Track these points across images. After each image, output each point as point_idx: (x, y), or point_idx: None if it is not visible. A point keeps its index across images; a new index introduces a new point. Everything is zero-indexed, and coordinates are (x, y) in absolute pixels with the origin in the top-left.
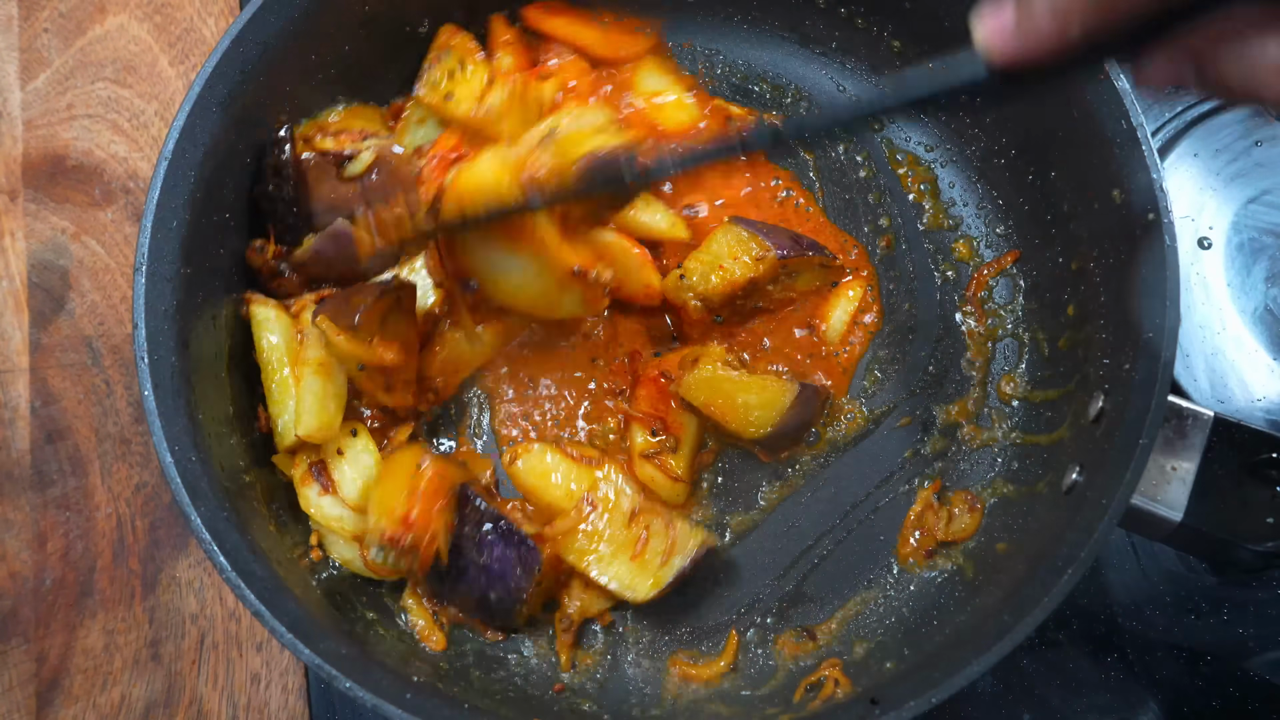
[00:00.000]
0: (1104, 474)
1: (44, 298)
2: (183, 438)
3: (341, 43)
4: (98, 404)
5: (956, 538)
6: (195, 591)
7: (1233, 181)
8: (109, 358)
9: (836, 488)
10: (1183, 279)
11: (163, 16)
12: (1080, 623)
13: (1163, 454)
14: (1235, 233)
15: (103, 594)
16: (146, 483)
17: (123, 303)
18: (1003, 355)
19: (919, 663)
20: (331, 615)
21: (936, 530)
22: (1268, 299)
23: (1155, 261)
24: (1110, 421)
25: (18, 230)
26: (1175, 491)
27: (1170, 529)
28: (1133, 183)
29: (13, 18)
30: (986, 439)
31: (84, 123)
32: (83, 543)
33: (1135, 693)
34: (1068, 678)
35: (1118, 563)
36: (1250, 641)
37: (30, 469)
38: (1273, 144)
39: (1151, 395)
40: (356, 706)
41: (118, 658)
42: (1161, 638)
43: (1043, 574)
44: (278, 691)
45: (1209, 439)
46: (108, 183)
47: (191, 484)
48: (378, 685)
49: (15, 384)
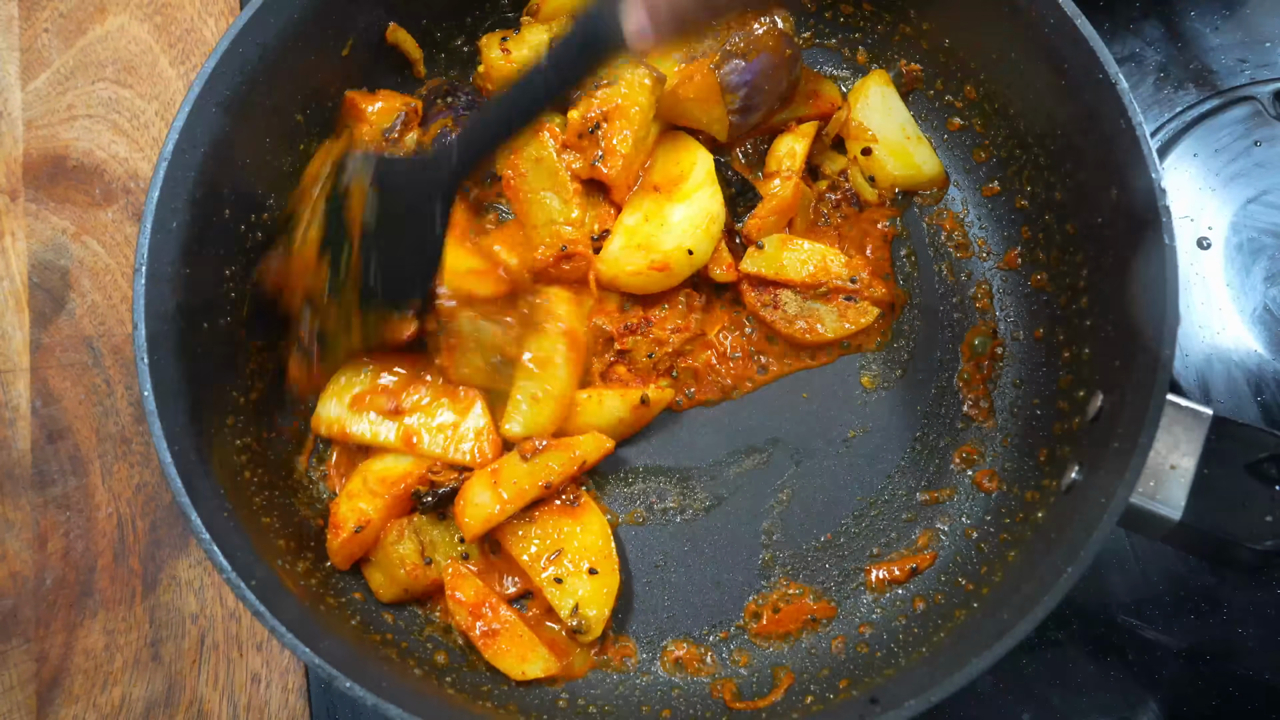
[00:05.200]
0: (1103, 473)
1: (44, 298)
2: (183, 438)
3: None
4: (98, 404)
5: (920, 566)
6: (195, 591)
7: (1232, 181)
8: (109, 358)
9: (841, 483)
10: (1182, 279)
11: (163, 17)
12: (1080, 623)
13: (1162, 453)
14: (1235, 233)
15: (103, 594)
16: (147, 483)
17: (123, 303)
18: (1002, 354)
19: (919, 662)
20: (332, 615)
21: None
22: (1267, 299)
23: (1155, 261)
24: (1110, 421)
25: (18, 230)
26: (1175, 491)
27: (1170, 528)
28: (1132, 183)
29: (13, 18)
30: (986, 436)
31: (84, 123)
32: (83, 543)
33: (1135, 693)
34: (1068, 678)
35: (1118, 563)
36: (1250, 641)
37: (31, 469)
38: (1272, 144)
39: (1151, 395)
40: (356, 706)
41: (118, 658)
42: (1161, 638)
43: (1043, 573)
44: (278, 691)
45: (1208, 438)
46: (108, 183)
47: (191, 484)
48: (378, 685)
49: (16, 384)
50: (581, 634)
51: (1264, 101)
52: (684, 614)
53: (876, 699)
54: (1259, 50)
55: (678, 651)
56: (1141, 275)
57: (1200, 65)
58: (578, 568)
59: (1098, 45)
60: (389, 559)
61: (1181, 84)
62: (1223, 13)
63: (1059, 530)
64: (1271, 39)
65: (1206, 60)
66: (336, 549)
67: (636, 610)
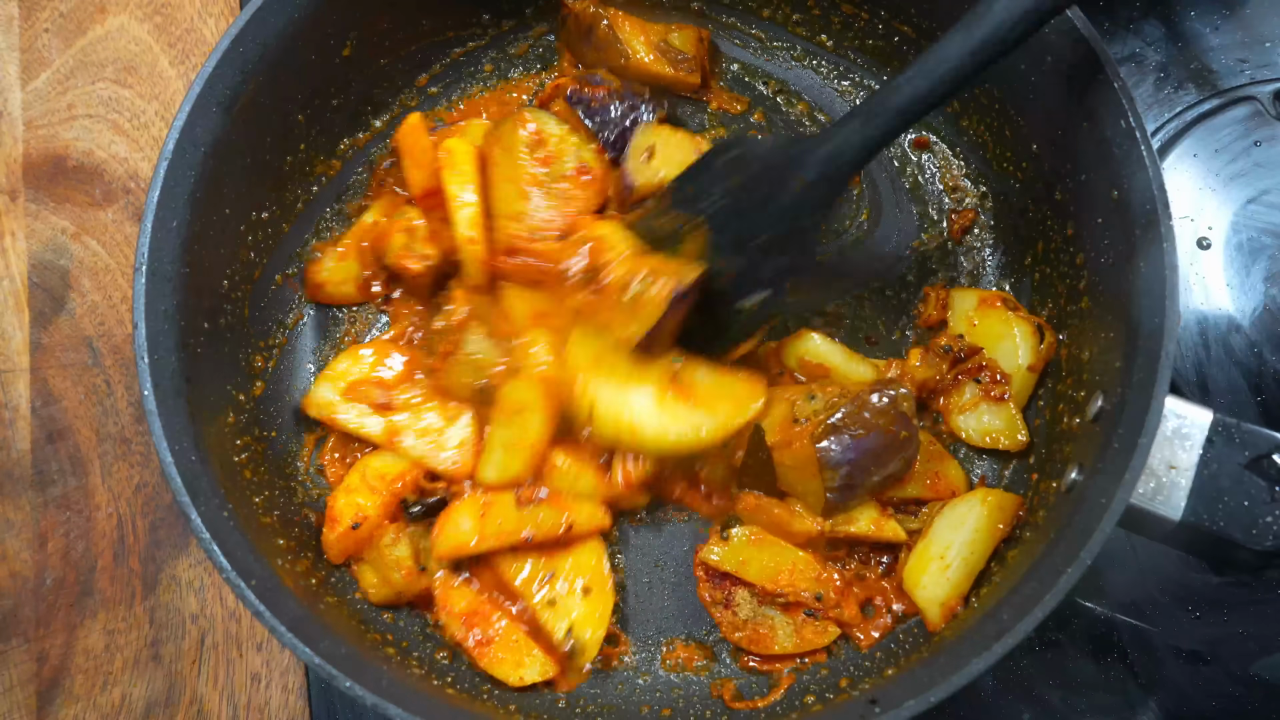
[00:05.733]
0: (1103, 474)
1: (44, 298)
2: (183, 438)
3: (340, 46)
4: (98, 404)
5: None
6: (195, 591)
7: (1232, 181)
8: (109, 358)
9: None
10: (1182, 279)
11: (163, 16)
12: (1080, 623)
13: (1162, 454)
14: (1235, 233)
15: (103, 594)
16: (147, 483)
17: (123, 303)
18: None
19: (919, 663)
20: (332, 615)
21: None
22: (1267, 299)
23: (1154, 261)
24: (1110, 421)
25: (18, 230)
26: (1175, 491)
27: (1170, 529)
28: (1132, 183)
29: (13, 18)
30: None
31: (84, 123)
32: (83, 543)
33: (1135, 693)
34: (1068, 678)
35: (1118, 563)
36: (1250, 641)
37: (31, 469)
38: (1272, 144)
39: (1151, 395)
40: (356, 706)
41: (118, 658)
42: (1161, 638)
43: (1042, 574)
44: (278, 691)
45: (1208, 439)
46: (108, 183)
47: (191, 484)
48: (378, 685)
49: (16, 384)
50: (576, 657)
51: (1264, 101)
52: (684, 614)
53: (876, 699)
54: (1259, 50)
55: (678, 652)
56: (1141, 275)
57: (1200, 65)
58: (571, 588)
59: (1098, 45)
60: (383, 561)
61: (1181, 84)
62: (1223, 13)
63: (1059, 530)
64: (1271, 39)
65: (1206, 60)
66: (332, 543)
67: (636, 610)
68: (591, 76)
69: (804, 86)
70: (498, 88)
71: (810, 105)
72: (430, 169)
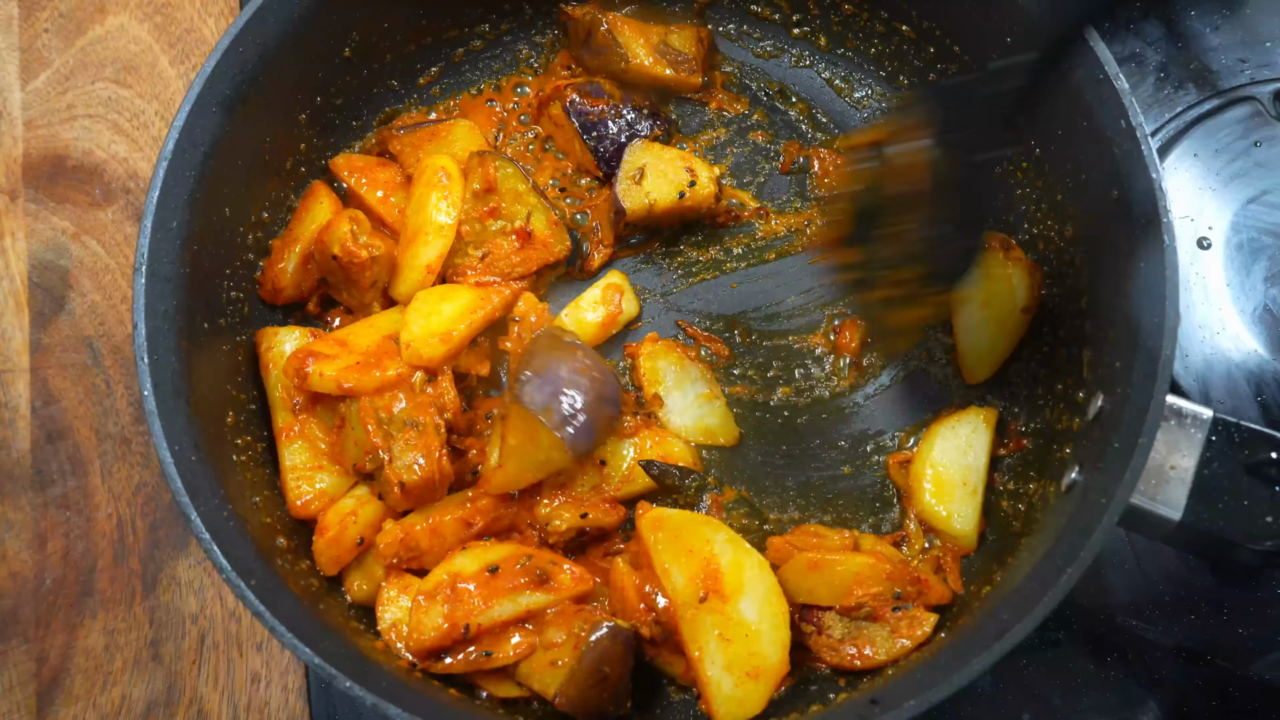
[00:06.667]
0: (1103, 473)
1: (44, 298)
2: (183, 438)
3: (340, 46)
4: (98, 404)
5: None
6: (195, 591)
7: (1232, 181)
8: (109, 358)
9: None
10: (1182, 279)
11: (163, 16)
12: (1080, 623)
13: (1162, 454)
14: (1234, 233)
15: (103, 594)
16: (146, 483)
17: (123, 303)
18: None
19: (919, 663)
20: (332, 615)
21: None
22: (1267, 299)
23: (1154, 261)
24: (1110, 421)
25: (18, 230)
26: (1175, 491)
27: (1170, 529)
28: (1132, 183)
29: (13, 18)
30: None
31: (84, 123)
32: (83, 543)
33: (1135, 693)
34: (1068, 678)
35: (1118, 563)
36: (1250, 641)
37: (30, 469)
38: (1272, 144)
39: (1151, 395)
40: (356, 706)
41: (118, 658)
42: (1161, 638)
43: (1042, 573)
44: (278, 691)
45: (1208, 439)
46: (108, 183)
47: (191, 484)
48: (378, 685)
49: (15, 384)
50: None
51: (1264, 101)
52: None
53: (876, 699)
54: (1259, 50)
55: None
56: (1141, 275)
57: (1200, 65)
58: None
59: (1098, 45)
60: (370, 567)
61: (1181, 84)
62: (1223, 13)
63: (1059, 530)
64: (1271, 39)
65: (1206, 60)
66: (322, 550)
67: None
68: (593, 88)
69: (804, 87)
70: (497, 87)
71: (809, 105)
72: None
